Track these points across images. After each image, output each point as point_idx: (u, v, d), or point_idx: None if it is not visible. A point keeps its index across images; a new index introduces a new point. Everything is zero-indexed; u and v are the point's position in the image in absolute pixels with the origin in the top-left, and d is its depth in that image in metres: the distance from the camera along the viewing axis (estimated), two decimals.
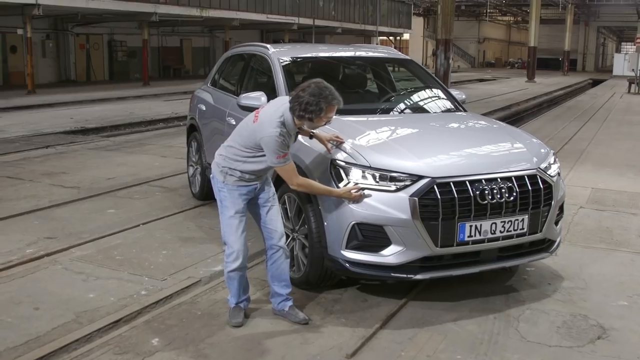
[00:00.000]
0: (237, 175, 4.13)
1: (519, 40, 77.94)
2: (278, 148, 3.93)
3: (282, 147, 3.95)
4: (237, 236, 4.15)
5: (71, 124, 15.13)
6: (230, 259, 4.18)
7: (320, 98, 3.91)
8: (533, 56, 39.33)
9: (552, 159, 4.85)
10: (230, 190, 4.15)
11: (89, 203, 7.38)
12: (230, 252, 4.18)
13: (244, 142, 4.09)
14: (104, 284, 4.86)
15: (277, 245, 4.25)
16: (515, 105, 22.51)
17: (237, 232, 4.15)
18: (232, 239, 4.16)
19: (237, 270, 4.19)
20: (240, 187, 4.15)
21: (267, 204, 4.26)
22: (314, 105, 3.90)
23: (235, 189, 4.15)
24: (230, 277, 4.23)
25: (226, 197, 4.17)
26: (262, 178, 4.23)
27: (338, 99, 3.98)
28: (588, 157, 11.24)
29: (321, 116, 3.95)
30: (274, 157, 3.97)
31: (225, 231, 4.20)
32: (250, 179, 4.16)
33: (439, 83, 6.16)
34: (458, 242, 4.18)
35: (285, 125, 3.98)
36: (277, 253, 4.25)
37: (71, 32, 30.84)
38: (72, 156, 10.59)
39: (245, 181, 4.15)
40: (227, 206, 4.17)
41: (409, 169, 4.19)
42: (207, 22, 33.01)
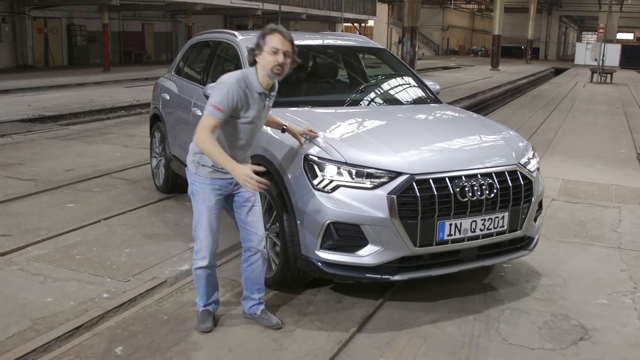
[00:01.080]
0: (209, 164, 3.78)
1: (482, 28, 78.48)
2: (222, 97, 3.59)
3: (226, 101, 3.58)
4: (207, 233, 3.86)
5: (28, 111, 14.59)
6: (198, 256, 3.91)
7: (262, 32, 3.71)
8: (497, 44, 39.52)
9: (531, 153, 4.71)
10: (202, 183, 3.83)
11: (47, 197, 7.04)
12: (199, 249, 3.90)
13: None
14: (63, 287, 4.57)
15: (256, 249, 3.96)
16: (480, 94, 22.54)
17: (207, 229, 3.85)
18: (201, 235, 3.87)
19: (205, 269, 3.92)
20: (214, 179, 3.81)
21: (247, 203, 3.90)
22: (257, 39, 3.70)
23: (207, 183, 3.82)
24: (197, 275, 3.96)
25: (197, 191, 3.85)
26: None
27: (278, 28, 3.70)
28: (556, 147, 11.23)
29: (266, 47, 3.65)
30: (210, 103, 3.62)
31: (195, 226, 3.90)
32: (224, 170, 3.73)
33: (414, 73, 5.97)
34: (437, 241, 4.01)
35: (247, 79, 3.70)
36: (255, 256, 3.97)
37: (28, 15, 29.87)
38: (29, 146, 10.17)
39: (220, 172, 3.78)
40: (198, 200, 3.86)
41: (387, 165, 3.99)
42: (169, 7, 32.36)
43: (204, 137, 3.59)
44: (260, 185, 3.53)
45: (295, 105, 4.98)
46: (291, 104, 5.00)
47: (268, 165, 4.38)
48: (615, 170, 9.32)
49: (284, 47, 3.67)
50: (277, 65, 3.66)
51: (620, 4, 53.74)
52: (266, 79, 3.73)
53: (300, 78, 5.69)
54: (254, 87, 3.72)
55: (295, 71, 5.80)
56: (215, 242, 3.92)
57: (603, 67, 30.90)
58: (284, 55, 3.68)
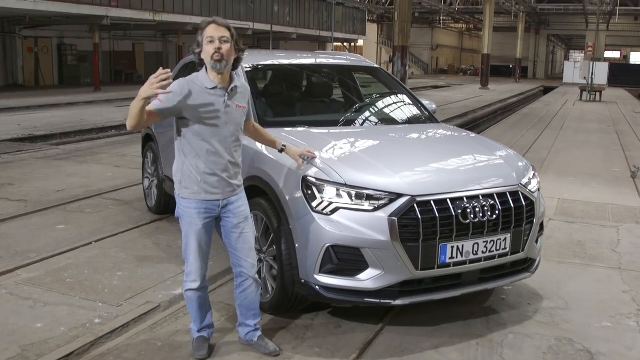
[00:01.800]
0: (192, 186, 3.64)
1: (471, 48, 79.01)
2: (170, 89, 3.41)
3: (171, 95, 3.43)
4: (196, 256, 3.74)
5: (18, 130, 14.46)
6: (189, 278, 3.79)
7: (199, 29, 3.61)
8: (487, 63, 39.78)
9: (532, 173, 4.64)
10: (187, 207, 3.68)
11: (37, 218, 6.91)
12: (189, 271, 3.79)
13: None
14: (54, 311, 4.44)
15: (247, 275, 3.83)
16: (471, 113, 22.58)
17: (195, 251, 3.73)
18: (191, 258, 3.76)
19: (196, 291, 3.80)
20: (198, 201, 3.64)
21: (236, 229, 3.76)
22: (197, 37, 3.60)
23: (192, 206, 3.65)
24: (189, 298, 3.83)
25: (183, 215, 3.71)
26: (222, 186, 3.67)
27: (211, 19, 3.61)
28: (550, 166, 11.19)
29: (205, 39, 3.54)
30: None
31: (185, 249, 3.78)
32: (205, 187, 3.63)
33: (410, 93, 5.90)
34: (439, 265, 3.91)
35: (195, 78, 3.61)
36: (247, 282, 3.85)
37: (19, 34, 29.80)
38: (19, 166, 10.03)
39: (204, 193, 3.64)
40: (184, 224, 3.72)
41: (388, 186, 3.90)
42: (160, 27, 32.36)
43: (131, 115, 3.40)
44: (161, 84, 3.27)
45: (291, 125, 4.90)
46: (287, 124, 4.92)
47: (265, 187, 4.29)
48: (610, 188, 9.28)
49: (219, 34, 3.55)
50: (215, 53, 3.52)
51: (607, 22, 54.27)
52: (214, 72, 3.58)
53: (295, 98, 5.63)
54: (203, 83, 3.59)
55: (291, 91, 5.80)
56: (205, 264, 3.81)
57: (592, 85, 31.06)
58: (220, 42, 3.54)
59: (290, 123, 5.00)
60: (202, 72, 3.65)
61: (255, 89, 5.21)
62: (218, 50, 3.52)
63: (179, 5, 30.84)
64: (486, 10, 40.01)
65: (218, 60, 3.53)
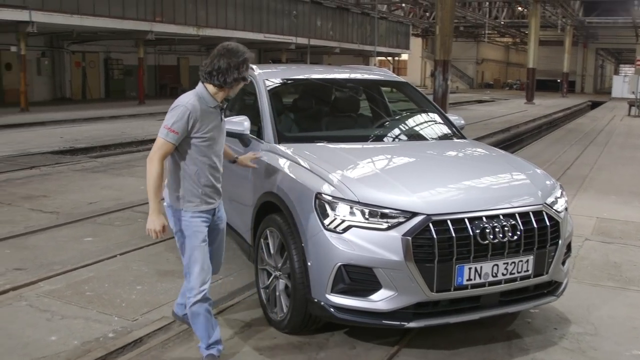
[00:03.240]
0: (194, 200, 3.78)
1: (517, 62, 77.91)
2: (177, 118, 3.62)
3: (179, 121, 3.62)
4: (201, 268, 3.78)
5: (60, 143, 14.76)
6: (193, 292, 3.77)
7: (244, 57, 3.75)
8: (532, 78, 39.12)
9: (559, 192, 4.46)
10: (192, 217, 3.78)
11: (67, 230, 6.98)
12: (193, 285, 3.78)
13: None
14: (69, 325, 4.44)
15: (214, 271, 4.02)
16: (514, 128, 22.18)
17: (201, 263, 3.78)
18: (196, 271, 3.77)
19: (201, 302, 3.78)
20: (202, 212, 3.80)
21: (220, 232, 4.06)
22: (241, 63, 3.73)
23: (197, 216, 3.79)
24: (194, 313, 3.80)
25: (188, 226, 3.78)
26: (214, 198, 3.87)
27: (250, 54, 3.82)
28: (591, 183, 10.86)
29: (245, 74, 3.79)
30: (165, 125, 3.64)
31: (188, 263, 3.80)
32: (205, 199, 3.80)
33: (436, 108, 5.77)
34: (456, 287, 3.77)
35: (200, 99, 3.72)
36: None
37: (67, 49, 30.57)
38: (56, 178, 10.20)
39: (205, 204, 3.81)
40: (189, 236, 3.78)
41: (402, 204, 3.79)
42: (204, 41, 32.79)
43: (155, 164, 3.62)
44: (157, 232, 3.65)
45: (310, 141, 4.83)
46: (306, 140, 4.86)
47: (279, 203, 4.22)
48: None
49: None
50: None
51: None
52: (221, 93, 3.78)
53: (317, 113, 5.56)
54: (208, 103, 3.75)
55: (312, 106, 5.73)
56: (209, 274, 3.85)
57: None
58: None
59: (310, 138, 4.93)
60: (204, 90, 3.77)
61: (275, 104, 5.16)
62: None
63: (222, 20, 31.25)
64: (531, 23, 39.41)
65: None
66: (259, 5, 33.98)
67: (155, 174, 3.62)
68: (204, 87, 3.77)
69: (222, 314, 4.68)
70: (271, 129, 4.88)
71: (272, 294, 4.41)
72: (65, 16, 22.98)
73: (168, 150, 3.65)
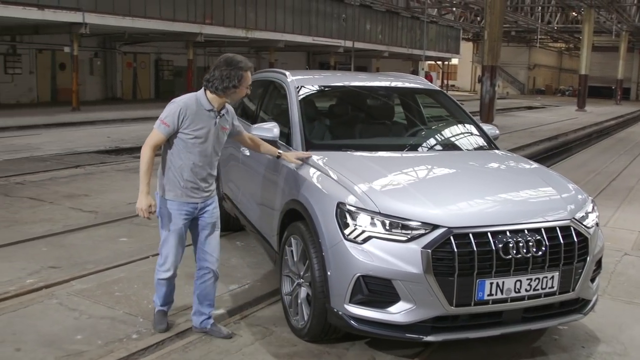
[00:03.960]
0: (177, 189, 4.15)
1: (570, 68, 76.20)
2: (170, 113, 4.03)
3: (173, 116, 4.01)
4: (172, 250, 4.25)
5: (107, 142, 15.09)
6: (162, 268, 4.31)
7: (236, 67, 4.07)
8: (584, 84, 38.28)
9: (590, 206, 4.35)
10: (170, 207, 4.19)
11: (103, 229, 7.12)
12: (163, 262, 4.29)
13: None
14: (95, 324, 4.53)
15: (210, 268, 4.35)
16: (562, 136, 21.73)
17: (172, 247, 4.24)
18: (166, 252, 4.27)
19: (167, 280, 4.35)
20: (181, 203, 4.17)
21: (208, 227, 4.31)
22: (232, 72, 4.05)
23: (175, 208, 4.18)
24: (159, 284, 4.39)
25: (165, 215, 4.20)
26: (201, 191, 4.21)
27: (251, 65, 4.18)
28: (637, 195, 10.55)
29: (244, 84, 4.12)
30: (160, 119, 4.06)
31: (162, 245, 4.27)
32: (188, 191, 4.15)
33: (470, 117, 5.68)
34: (476, 301, 3.71)
35: (197, 101, 4.10)
36: (209, 274, 4.37)
37: (119, 50, 31.28)
38: (99, 177, 10.42)
39: (186, 196, 4.16)
40: (165, 223, 4.21)
41: (423, 216, 3.75)
42: (252, 43, 33.09)
43: (147, 150, 4.05)
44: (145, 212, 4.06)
45: (338, 149, 4.83)
46: (334, 147, 4.87)
47: (303, 211, 4.22)
48: None
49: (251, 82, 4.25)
50: (245, 96, 4.36)
51: None
52: (221, 102, 4.16)
53: (347, 120, 5.55)
54: (203, 105, 4.10)
55: (343, 113, 5.72)
56: (178, 258, 4.32)
57: None
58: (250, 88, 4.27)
59: (337, 146, 4.92)
60: (202, 95, 4.14)
61: (306, 111, 5.17)
62: (247, 94, 4.33)
63: (271, 22, 31.50)
64: (585, 29, 38.60)
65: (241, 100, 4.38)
66: (308, 8, 34.14)
67: (146, 159, 4.05)
68: (203, 92, 4.15)
69: (245, 319, 4.71)
70: (299, 137, 4.89)
71: (294, 301, 4.42)
72: (117, 18, 23.51)
73: (159, 140, 4.06)
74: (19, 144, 14.33)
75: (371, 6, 39.39)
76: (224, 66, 4.06)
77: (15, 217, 7.51)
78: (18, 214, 7.72)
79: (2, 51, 26.34)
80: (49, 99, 28.31)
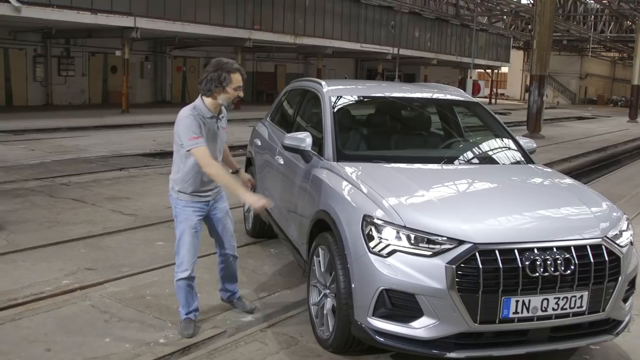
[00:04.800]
0: (188, 192, 4.46)
1: (623, 77, 74.30)
2: (189, 129, 4.26)
3: (193, 128, 4.26)
4: (188, 248, 4.50)
5: (152, 146, 15.35)
6: (180, 269, 4.52)
7: (221, 69, 4.31)
8: (637, 95, 37.28)
9: (624, 224, 4.23)
10: (184, 206, 4.48)
11: (141, 233, 7.25)
12: (181, 262, 4.52)
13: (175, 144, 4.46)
14: (125, 327, 4.62)
15: (231, 254, 4.81)
16: (611, 147, 21.20)
17: (188, 245, 4.50)
18: (183, 251, 4.50)
19: (186, 280, 4.51)
20: (194, 202, 4.49)
21: (221, 222, 4.69)
22: (217, 75, 4.29)
23: (189, 205, 4.48)
24: (179, 286, 4.55)
25: (180, 213, 4.50)
26: (212, 191, 4.56)
27: (239, 67, 4.40)
28: None
29: (230, 85, 4.31)
30: (187, 139, 4.26)
31: (178, 244, 4.53)
32: (201, 193, 4.48)
33: (506, 130, 5.58)
34: (501, 319, 3.65)
35: (196, 108, 4.37)
36: (230, 258, 4.83)
37: (169, 54, 31.81)
38: (142, 180, 10.62)
39: (197, 196, 4.46)
40: (181, 221, 4.50)
41: (448, 231, 3.71)
42: (301, 49, 33.31)
43: (210, 165, 4.26)
44: (265, 205, 4.33)
45: (369, 160, 4.82)
46: (365, 159, 4.86)
47: (330, 222, 4.22)
48: None
49: (242, 84, 4.43)
50: (236, 98, 4.45)
51: None
52: (217, 106, 4.43)
53: (380, 132, 5.53)
54: (204, 113, 4.39)
55: (376, 124, 5.71)
56: (195, 256, 4.56)
57: None
58: (241, 90, 4.44)
59: (369, 158, 4.91)
60: (201, 103, 4.41)
61: (339, 121, 5.17)
62: (238, 96, 4.46)
63: (319, 29, 31.65)
64: (638, 38, 37.61)
65: (234, 103, 4.50)
66: (356, 15, 34.19)
67: (218, 170, 4.30)
68: (201, 99, 4.43)
69: (273, 327, 4.72)
70: (331, 147, 4.89)
71: (320, 312, 4.42)
72: (168, 23, 23.94)
73: (207, 151, 4.27)
74: (68, 145, 14.70)
75: (420, 13, 39.22)
76: (211, 69, 4.34)
77: (57, 218, 7.70)
78: (60, 214, 7.91)
79: (56, 54, 27.07)
80: (100, 101, 28.97)
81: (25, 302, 5.02)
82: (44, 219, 7.66)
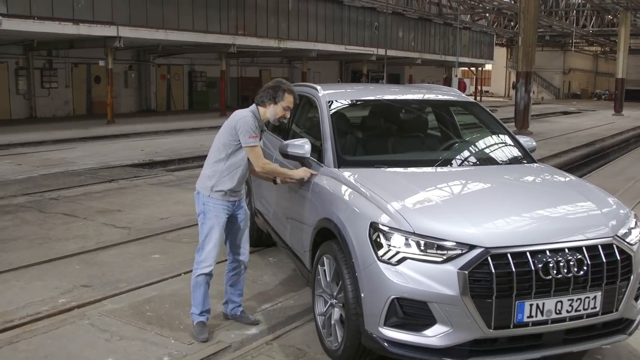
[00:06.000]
0: (224, 189, 4.59)
1: (606, 71, 74.91)
2: (250, 128, 4.51)
3: (254, 128, 4.53)
4: (214, 245, 4.61)
5: (140, 156, 15.19)
6: (203, 264, 4.60)
7: (279, 87, 4.64)
8: (621, 88, 37.51)
9: (633, 222, 4.17)
10: (215, 204, 4.60)
11: (136, 246, 7.12)
12: (204, 258, 4.61)
13: (223, 140, 4.60)
14: (126, 346, 4.49)
15: (243, 262, 4.85)
16: (599, 141, 21.27)
17: (215, 241, 4.61)
18: (208, 247, 4.60)
19: (206, 275, 4.62)
20: (225, 201, 4.62)
21: (242, 223, 4.81)
22: (273, 90, 4.62)
23: (220, 204, 4.61)
24: (198, 282, 4.62)
25: (210, 210, 4.60)
26: (240, 193, 4.73)
27: (294, 91, 4.71)
28: None
29: (282, 102, 4.61)
30: (247, 137, 4.49)
31: (205, 240, 4.62)
32: (232, 192, 4.63)
33: (506, 130, 5.52)
34: (515, 324, 3.57)
35: (253, 112, 4.62)
36: (241, 267, 4.86)
37: (152, 62, 31.56)
38: (132, 192, 10.47)
39: (228, 195, 4.61)
40: (211, 218, 4.60)
41: (459, 236, 3.62)
42: (285, 53, 33.18)
43: (264, 163, 4.65)
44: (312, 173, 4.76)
45: (370, 165, 4.73)
46: (366, 164, 4.77)
47: (335, 231, 4.12)
48: None
49: (292, 105, 4.73)
50: (283, 117, 4.74)
51: None
52: (264, 118, 4.68)
53: (379, 136, 5.44)
54: (259, 121, 4.65)
55: (375, 128, 5.62)
56: (218, 253, 4.67)
57: None
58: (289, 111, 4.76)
59: (370, 163, 4.82)
60: (256, 110, 4.66)
61: (338, 126, 5.08)
62: (284, 116, 4.77)
63: (303, 32, 31.56)
64: (621, 32, 37.86)
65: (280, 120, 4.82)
66: (340, 17, 34.13)
67: (271, 168, 4.77)
68: (255, 108, 4.68)
69: (278, 339, 4.63)
70: (331, 153, 4.80)
71: (327, 322, 4.32)
72: (150, 31, 23.73)
73: (261, 151, 4.64)
74: (55, 158, 14.51)
75: (403, 14, 39.22)
76: (270, 84, 4.71)
77: (49, 234, 7.55)
78: (52, 230, 7.76)
79: (38, 66, 26.77)
80: (85, 112, 28.67)
81: (21, 323, 4.88)
82: (35, 235, 7.50)
